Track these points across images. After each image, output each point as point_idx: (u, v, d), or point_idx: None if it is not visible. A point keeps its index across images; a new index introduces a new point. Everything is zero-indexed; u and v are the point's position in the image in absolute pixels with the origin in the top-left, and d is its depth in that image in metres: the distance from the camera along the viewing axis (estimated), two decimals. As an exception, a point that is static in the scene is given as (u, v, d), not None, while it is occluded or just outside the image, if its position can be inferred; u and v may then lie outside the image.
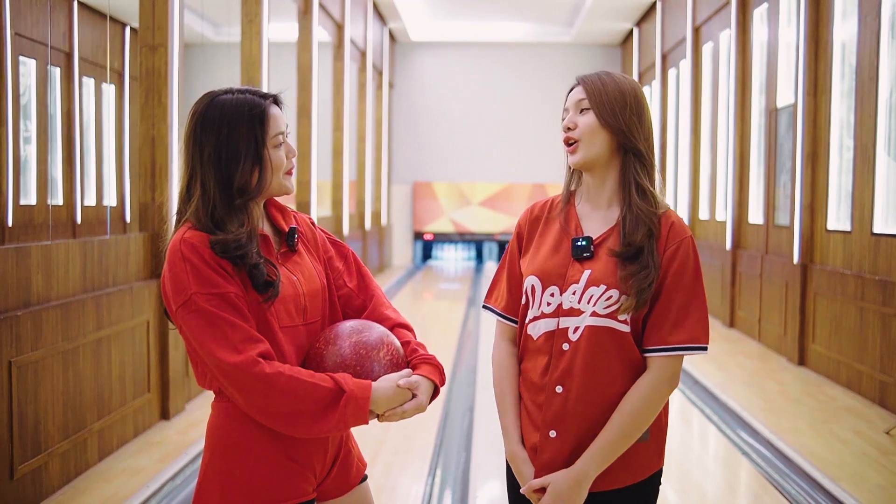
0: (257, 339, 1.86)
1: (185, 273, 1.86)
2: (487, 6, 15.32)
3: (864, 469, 4.77)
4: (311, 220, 2.20)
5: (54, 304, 4.24)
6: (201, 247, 1.87)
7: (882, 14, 6.37)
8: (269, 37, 7.98)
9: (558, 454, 1.99)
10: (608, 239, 2.01)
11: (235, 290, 1.87)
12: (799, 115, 7.70)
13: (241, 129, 1.93)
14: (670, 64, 13.52)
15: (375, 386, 1.90)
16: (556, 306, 2.00)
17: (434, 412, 5.75)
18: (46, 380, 4.14)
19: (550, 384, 2.00)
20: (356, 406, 1.86)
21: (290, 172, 2.02)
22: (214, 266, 1.87)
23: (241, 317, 1.86)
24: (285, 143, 2.00)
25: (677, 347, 1.95)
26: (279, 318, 1.95)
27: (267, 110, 1.96)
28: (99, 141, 9.02)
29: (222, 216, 1.92)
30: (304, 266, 2.06)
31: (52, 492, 4.19)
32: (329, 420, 1.85)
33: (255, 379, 1.82)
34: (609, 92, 2.00)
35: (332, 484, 2.09)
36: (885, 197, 6.40)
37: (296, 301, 1.99)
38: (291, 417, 1.85)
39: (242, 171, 1.93)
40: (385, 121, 16.34)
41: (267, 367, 1.83)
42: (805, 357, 7.59)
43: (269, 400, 1.83)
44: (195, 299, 1.84)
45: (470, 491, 4.39)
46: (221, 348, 1.82)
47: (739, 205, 9.93)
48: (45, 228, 7.14)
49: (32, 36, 7.39)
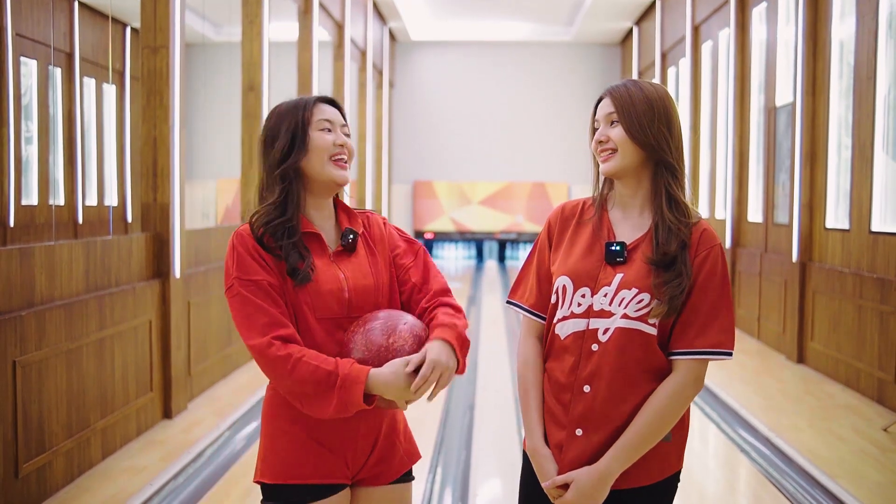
0: (281, 324, 2.00)
1: (231, 260, 2.06)
2: (487, 6, 15.33)
3: (862, 466, 4.80)
4: (384, 220, 2.30)
5: (58, 304, 4.26)
6: (247, 237, 2.06)
7: (880, 14, 6.39)
8: (269, 37, 8.00)
9: (584, 452, 2.02)
10: (641, 245, 2.04)
11: (270, 278, 2.03)
12: (797, 113, 7.72)
13: (288, 115, 2.12)
14: (670, 63, 13.54)
15: (374, 372, 1.95)
16: (586, 307, 2.03)
17: (434, 410, 5.78)
18: (50, 379, 4.17)
19: (578, 383, 2.03)
20: (349, 389, 1.93)
21: (337, 161, 2.12)
22: (255, 256, 2.04)
23: (271, 303, 2.01)
24: (337, 133, 2.12)
25: (703, 352, 2.00)
26: (315, 310, 2.06)
27: (314, 100, 2.14)
28: (100, 141, 9.03)
29: (265, 193, 2.11)
30: (358, 264, 2.15)
31: (56, 490, 4.22)
32: (329, 402, 1.95)
33: (267, 359, 1.97)
34: (637, 105, 2.02)
35: (370, 472, 2.14)
36: (883, 195, 6.42)
37: (337, 295, 2.08)
38: (301, 397, 1.98)
39: (280, 144, 2.09)
40: (385, 120, 16.35)
41: (279, 349, 1.96)
42: (804, 355, 7.62)
43: (280, 379, 1.99)
44: (235, 284, 2.03)
45: (470, 489, 4.42)
46: (248, 330, 2.00)
47: (739, 203, 9.95)
48: (46, 229, 7.16)
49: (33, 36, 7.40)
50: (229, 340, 6.92)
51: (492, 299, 12.11)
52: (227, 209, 13.09)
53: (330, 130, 2.11)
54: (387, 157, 16.59)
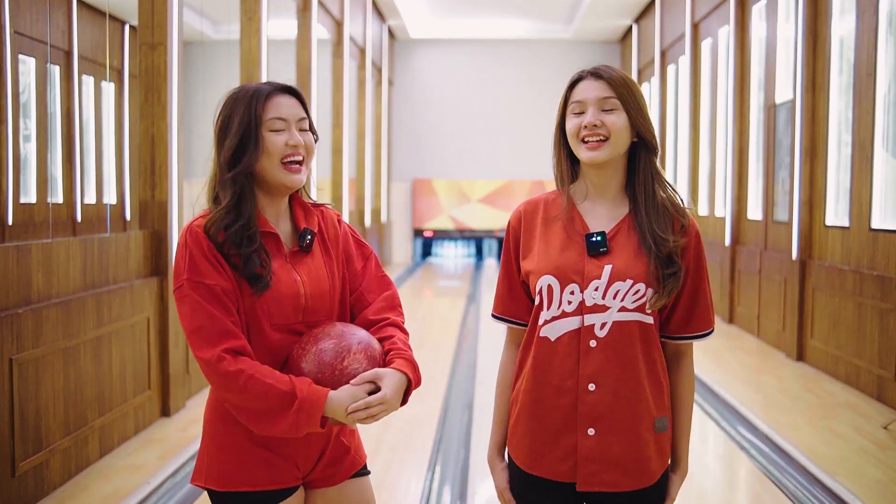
0: (231, 334, 1.90)
1: (182, 259, 1.94)
2: (487, 3, 15.31)
3: (862, 464, 4.79)
4: (339, 217, 2.21)
5: (55, 301, 4.25)
6: (202, 235, 1.94)
7: (880, 10, 6.38)
8: (268, 34, 7.98)
9: (604, 451, 1.97)
10: (619, 232, 2.00)
11: (223, 283, 1.92)
12: (797, 111, 7.71)
13: (240, 106, 1.98)
14: (669, 60, 13.52)
15: (332, 395, 1.88)
16: (577, 304, 1.97)
17: (433, 409, 5.77)
18: (47, 377, 4.15)
19: (581, 383, 1.98)
20: (308, 412, 1.87)
21: (289, 164, 2.00)
22: (210, 257, 1.93)
23: (223, 310, 1.91)
24: (291, 132, 2.00)
25: (706, 333, 2.08)
26: (271, 317, 1.98)
27: (269, 92, 1.99)
28: (99, 139, 9.01)
29: (218, 192, 1.99)
30: (314, 266, 2.07)
31: (53, 488, 4.21)
32: (282, 422, 1.88)
33: (217, 375, 1.88)
34: (633, 90, 1.97)
35: (321, 474, 2.10)
36: (883, 192, 6.41)
37: (294, 300, 2.00)
38: (249, 414, 1.91)
39: (231, 144, 1.96)
40: (384, 118, 16.33)
41: (230, 364, 1.87)
42: (804, 353, 7.60)
43: (229, 395, 1.90)
44: (185, 285, 1.92)
45: (469, 487, 4.41)
46: (197, 339, 1.90)
47: (738, 201, 9.94)
48: (45, 226, 7.15)
49: (32, 34, 7.38)
50: (228, 338, 6.90)
51: (491, 297, 12.05)
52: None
53: (283, 130, 1.98)
54: (386, 155, 16.58)
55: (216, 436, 2.02)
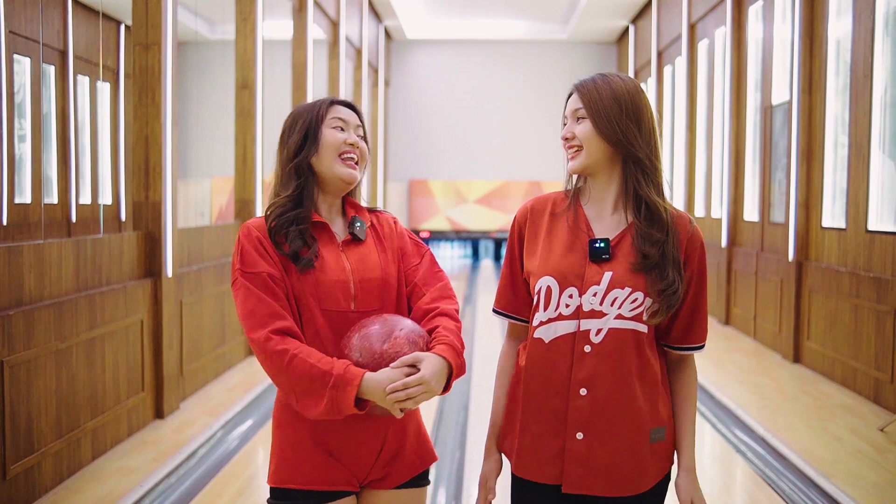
0: (279, 316, 1.99)
1: (237, 253, 2.07)
2: (483, 4, 15.30)
3: (858, 466, 4.77)
4: (395, 220, 2.30)
5: (47, 303, 4.22)
6: (254, 229, 2.08)
7: (877, 11, 6.36)
8: (263, 34, 7.96)
9: (591, 456, 1.97)
10: (623, 240, 1.99)
11: (270, 269, 2.04)
12: (794, 112, 7.70)
13: (304, 113, 2.16)
14: (666, 61, 13.52)
15: (368, 376, 1.91)
16: (575, 308, 1.97)
17: (428, 410, 5.75)
18: (39, 379, 4.12)
19: (573, 387, 1.98)
20: (342, 390, 1.91)
21: (346, 159, 2.14)
22: (259, 248, 2.06)
23: (270, 294, 2.01)
24: (349, 132, 2.15)
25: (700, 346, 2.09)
26: (321, 301, 2.06)
27: (330, 101, 2.18)
28: (94, 139, 8.98)
29: (279, 188, 2.14)
30: (366, 255, 2.14)
31: (45, 491, 4.18)
32: (321, 401, 1.93)
33: (265, 354, 1.97)
34: (604, 99, 1.97)
35: (377, 475, 2.12)
36: (880, 194, 6.40)
37: (343, 286, 2.08)
38: (294, 393, 1.98)
39: (294, 140, 2.13)
40: (381, 119, 16.31)
41: (277, 343, 1.96)
42: (800, 354, 7.59)
43: (276, 375, 1.98)
44: (239, 277, 2.05)
45: (464, 489, 4.39)
46: (249, 322, 2.00)
47: (735, 202, 9.93)
48: (39, 227, 7.12)
49: (26, 34, 7.35)
50: (222, 340, 6.88)
51: (487, 298, 12.07)
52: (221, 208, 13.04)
53: (343, 129, 2.14)
54: (382, 156, 16.56)
55: (278, 434, 2.11)
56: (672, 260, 1.95)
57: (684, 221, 2.02)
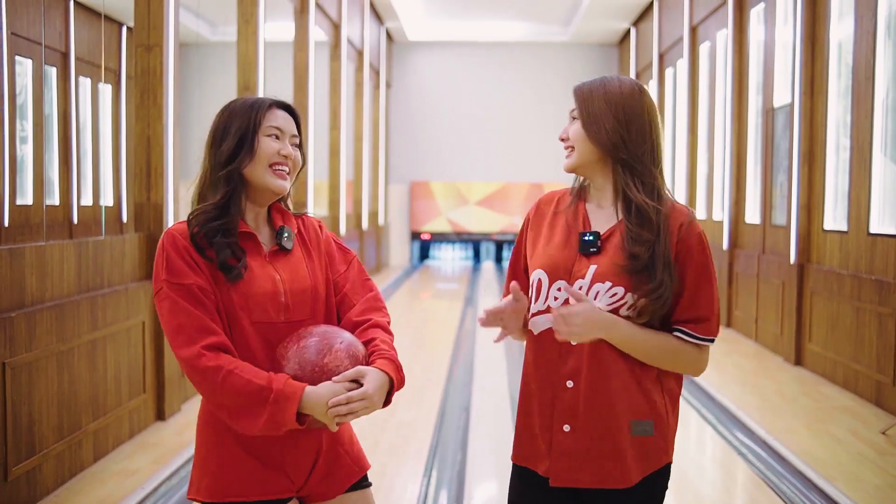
0: (210, 331, 1.91)
1: (160, 262, 1.97)
2: (484, 6, 15.31)
3: (860, 469, 4.77)
4: (320, 224, 2.25)
5: (49, 305, 4.22)
6: (179, 236, 1.98)
7: (878, 14, 6.36)
8: (265, 36, 7.96)
9: (577, 447, 1.99)
10: (613, 235, 2.01)
11: (200, 281, 1.95)
12: (796, 114, 7.70)
13: (239, 115, 2.06)
14: (667, 63, 13.52)
15: (309, 390, 1.88)
16: (563, 301, 2.00)
17: (430, 412, 5.74)
18: (41, 381, 4.12)
19: (560, 379, 2.01)
20: (282, 405, 1.86)
21: (278, 171, 2.06)
22: (186, 257, 1.96)
23: (201, 308, 1.93)
24: (284, 143, 2.07)
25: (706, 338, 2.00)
26: (251, 314, 1.99)
27: (269, 104, 2.07)
28: (95, 141, 8.99)
29: (206, 191, 2.05)
30: (295, 265, 2.09)
31: (46, 493, 4.18)
32: (259, 418, 1.88)
33: (196, 371, 1.89)
34: (595, 101, 2.01)
35: (317, 486, 2.08)
36: (882, 197, 6.40)
37: (273, 298, 2.02)
38: (230, 412, 1.91)
39: (228, 145, 2.03)
40: (382, 120, 16.32)
41: (210, 359, 1.89)
42: (801, 357, 7.59)
43: (209, 392, 1.91)
44: (164, 287, 1.94)
45: (466, 491, 4.38)
46: (177, 338, 1.92)
47: (736, 204, 9.93)
48: (41, 229, 7.13)
49: (28, 35, 7.36)
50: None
51: (488, 300, 12.08)
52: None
53: (278, 138, 2.06)
54: (383, 158, 16.56)
55: (206, 445, 2.02)
56: (663, 261, 1.94)
57: (679, 216, 1.99)
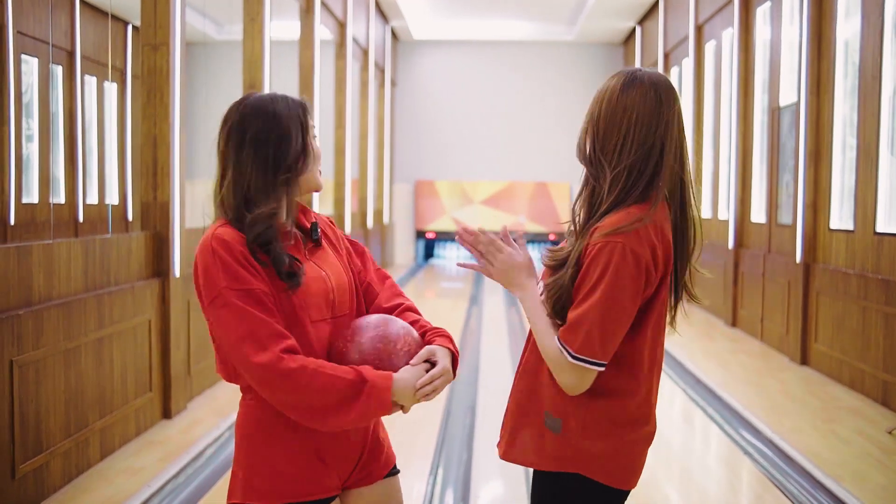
0: (283, 335, 1.89)
1: (215, 268, 1.91)
2: (490, 5, 15.30)
3: (866, 469, 4.77)
4: (331, 220, 2.27)
5: (56, 303, 4.23)
6: (232, 242, 1.92)
7: (885, 12, 6.35)
8: (271, 35, 7.97)
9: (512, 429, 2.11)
10: None
11: (263, 286, 1.92)
12: (802, 113, 7.68)
13: (290, 112, 2.01)
14: (673, 62, 13.50)
15: (397, 377, 1.93)
16: None
17: (436, 411, 5.74)
18: (48, 379, 4.13)
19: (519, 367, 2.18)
20: (378, 396, 1.89)
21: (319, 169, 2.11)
22: (243, 262, 1.92)
23: (267, 312, 1.90)
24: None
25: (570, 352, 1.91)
26: (310, 313, 1.99)
27: (308, 104, 2.07)
28: (101, 139, 9.01)
29: (256, 195, 1.97)
30: (331, 261, 2.12)
31: (53, 491, 4.19)
32: (352, 411, 1.88)
33: (280, 376, 1.85)
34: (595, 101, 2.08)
35: (358, 475, 2.11)
36: (888, 196, 6.38)
37: (326, 296, 2.04)
38: (316, 411, 1.88)
39: (294, 149, 1.99)
40: (387, 119, 16.32)
41: (291, 361, 1.86)
42: (807, 356, 7.58)
43: (294, 395, 1.87)
44: (225, 294, 1.89)
45: (472, 490, 4.39)
46: (249, 345, 1.86)
47: (742, 203, 9.91)
48: (47, 227, 7.14)
49: (34, 34, 7.38)
50: (229, 340, 6.88)
51: (493, 300, 12.07)
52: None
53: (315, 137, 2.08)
54: (388, 157, 16.56)
55: (254, 447, 1.98)
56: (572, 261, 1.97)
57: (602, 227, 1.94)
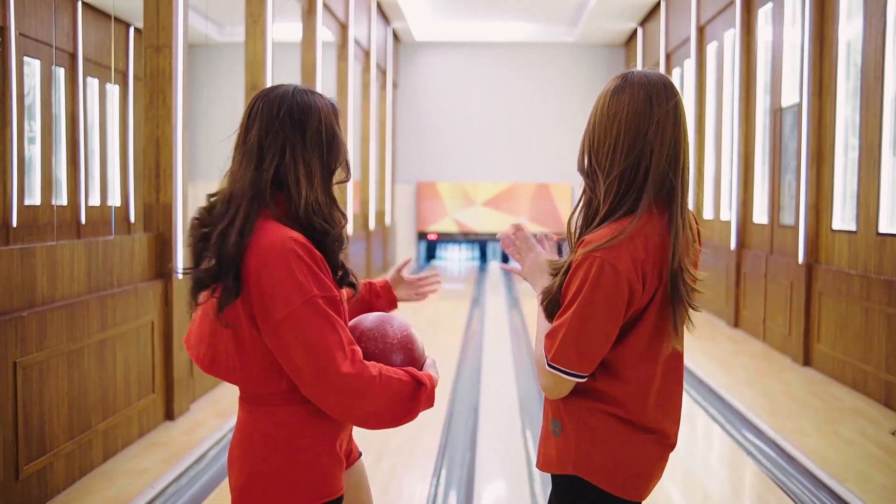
0: (353, 342, 1.87)
1: (302, 273, 1.81)
2: (491, 6, 15.31)
3: (869, 469, 4.76)
4: None
5: (59, 304, 4.24)
6: (311, 247, 1.85)
7: (888, 13, 6.35)
8: (273, 37, 7.98)
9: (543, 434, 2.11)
10: None
11: (340, 294, 1.90)
12: (804, 114, 7.68)
13: (330, 115, 1.94)
14: (674, 64, 13.50)
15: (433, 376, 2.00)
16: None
17: (439, 412, 5.74)
18: (51, 380, 4.14)
19: None
20: (431, 393, 1.95)
21: None
22: (324, 269, 1.87)
23: (344, 320, 1.90)
24: None
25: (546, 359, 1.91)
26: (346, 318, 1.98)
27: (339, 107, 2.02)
28: (103, 141, 9.01)
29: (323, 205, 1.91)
30: None
31: (57, 492, 4.19)
32: (413, 412, 1.91)
33: (364, 383, 1.82)
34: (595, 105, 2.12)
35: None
36: (891, 197, 6.38)
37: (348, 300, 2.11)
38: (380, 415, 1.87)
39: (343, 154, 1.94)
40: (389, 121, 16.32)
41: (371, 368, 1.84)
42: (810, 357, 7.57)
43: (373, 400, 1.84)
44: (318, 302, 1.81)
45: (475, 491, 4.39)
46: (336, 354, 1.80)
47: (744, 204, 9.91)
48: (49, 229, 7.14)
49: (37, 36, 7.38)
50: (232, 341, 6.88)
51: (495, 301, 12.07)
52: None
53: None
54: (390, 158, 16.56)
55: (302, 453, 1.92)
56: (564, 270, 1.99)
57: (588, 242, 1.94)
